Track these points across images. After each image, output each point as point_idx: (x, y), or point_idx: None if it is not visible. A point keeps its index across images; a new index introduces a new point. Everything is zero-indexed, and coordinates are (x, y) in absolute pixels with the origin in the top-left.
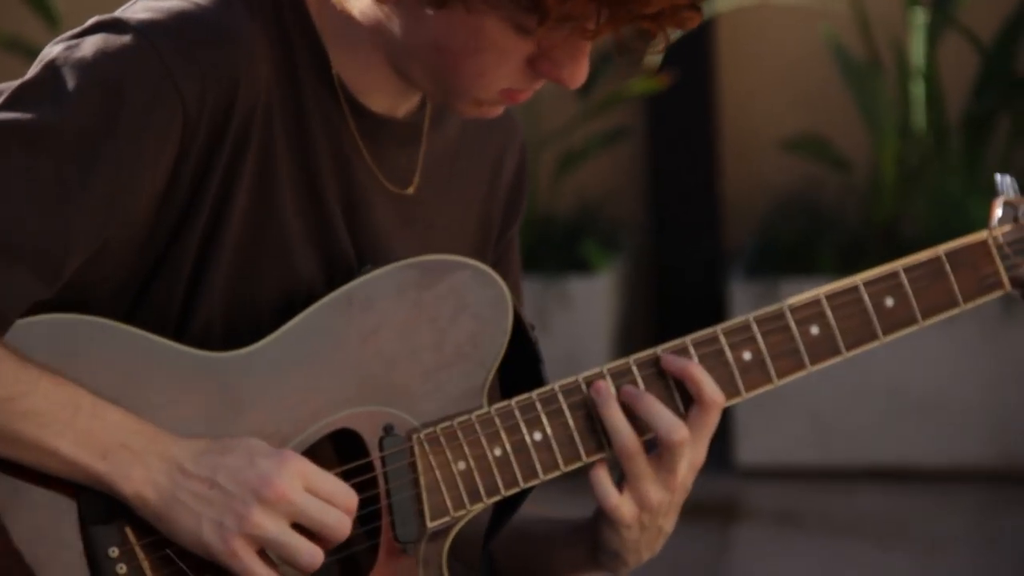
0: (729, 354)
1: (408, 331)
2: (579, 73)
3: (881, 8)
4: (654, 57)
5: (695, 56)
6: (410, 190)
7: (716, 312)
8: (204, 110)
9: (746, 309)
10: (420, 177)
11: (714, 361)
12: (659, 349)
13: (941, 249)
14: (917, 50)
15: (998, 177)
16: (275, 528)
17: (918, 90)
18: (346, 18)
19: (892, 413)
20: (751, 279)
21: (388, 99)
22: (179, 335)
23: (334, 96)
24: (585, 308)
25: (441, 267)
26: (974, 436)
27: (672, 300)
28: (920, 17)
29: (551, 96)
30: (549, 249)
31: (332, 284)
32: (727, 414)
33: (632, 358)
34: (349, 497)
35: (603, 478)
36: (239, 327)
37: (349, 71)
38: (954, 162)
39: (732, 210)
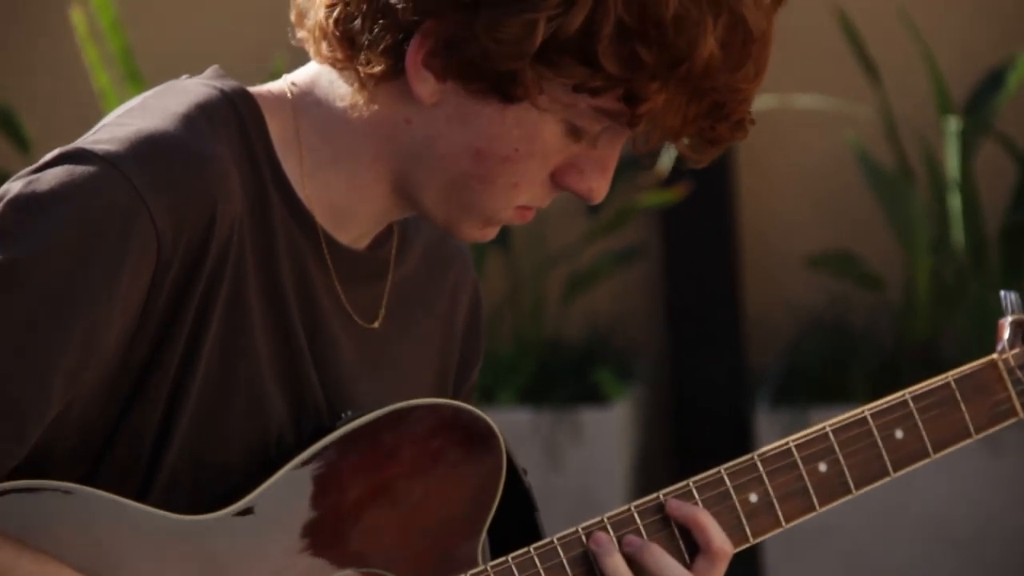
0: (735, 497)
1: (397, 485)
2: (605, 185)
3: (910, 115)
4: (666, 166)
5: (713, 166)
6: (375, 324)
7: (741, 443)
8: (180, 243)
9: (773, 439)
10: (385, 311)
11: (720, 505)
12: (661, 494)
13: (951, 375)
14: (951, 160)
15: (1003, 295)
16: None
17: (953, 202)
18: (333, 130)
19: (932, 550)
20: (778, 407)
21: (358, 228)
22: (145, 485)
23: (301, 224)
24: (599, 441)
25: (427, 413)
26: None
27: (693, 431)
28: (953, 125)
29: (558, 213)
30: (559, 378)
31: (299, 424)
32: (755, 553)
33: (633, 504)
34: None
35: None
36: (207, 472)
37: (319, 194)
38: (993, 278)
39: (755, 333)
